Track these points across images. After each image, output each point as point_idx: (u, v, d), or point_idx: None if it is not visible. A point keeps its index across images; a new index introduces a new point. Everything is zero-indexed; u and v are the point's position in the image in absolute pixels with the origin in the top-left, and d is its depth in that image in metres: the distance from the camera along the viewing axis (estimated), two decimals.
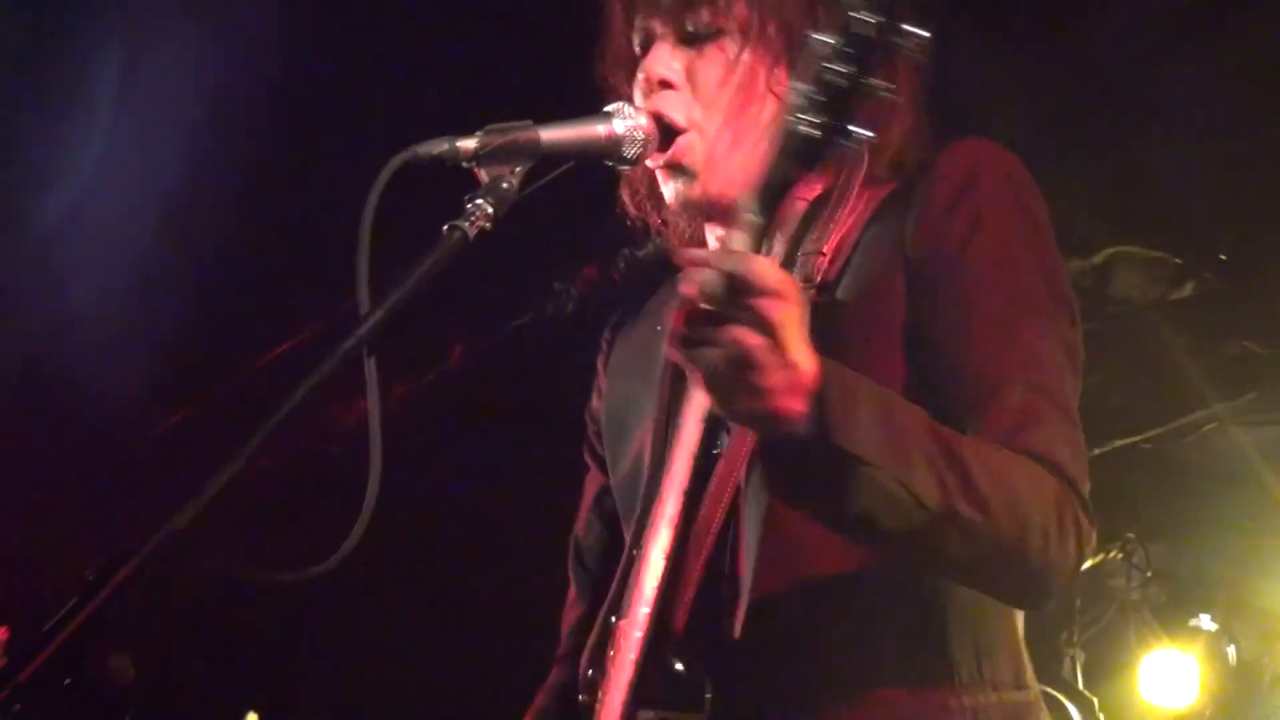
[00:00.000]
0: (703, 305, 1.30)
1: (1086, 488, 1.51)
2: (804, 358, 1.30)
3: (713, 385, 1.33)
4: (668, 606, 1.73)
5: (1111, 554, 4.66)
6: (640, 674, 1.71)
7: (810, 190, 1.79)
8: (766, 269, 1.31)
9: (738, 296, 1.28)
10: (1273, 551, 4.43)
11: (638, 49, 1.88)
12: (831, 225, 1.75)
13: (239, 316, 3.80)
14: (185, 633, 3.77)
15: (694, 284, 1.31)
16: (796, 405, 1.30)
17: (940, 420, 1.43)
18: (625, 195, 1.97)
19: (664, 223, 1.97)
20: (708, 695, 1.66)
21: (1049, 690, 4.53)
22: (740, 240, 1.43)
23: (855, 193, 1.75)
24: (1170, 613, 4.76)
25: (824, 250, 1.71)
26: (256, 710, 4.43)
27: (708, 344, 1.31)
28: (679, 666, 1.72)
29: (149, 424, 3.97)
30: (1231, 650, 4.68)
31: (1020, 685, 1.63)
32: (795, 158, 1.39)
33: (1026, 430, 1.49)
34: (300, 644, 4.71)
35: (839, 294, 1.69)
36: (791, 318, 1.29)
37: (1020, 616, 1.68)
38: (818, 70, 1.34)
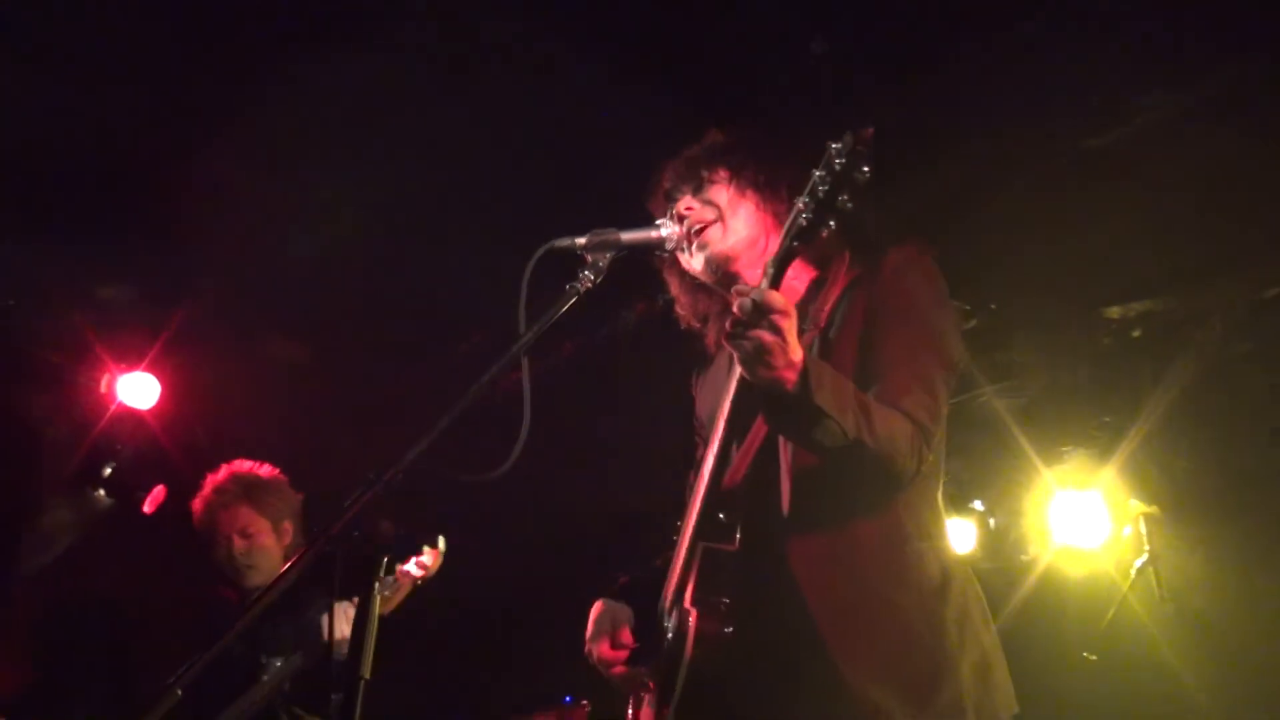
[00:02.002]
0: (742, 315, 1.93)
1: (932, 433, 2.20)
2: (796, 350, 1.95)
3: (745, 362, 1.97)
4: (719, 483, 2.33)
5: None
6: (699, 522, 2.32)
7: (808, 274, 2.49)
8: (778, 298, 1.94)
9: (761, 313, 1.91)
10: (1013, 468, 5.86)
11: (670, 208, 2.60)
12: (823, 294, 2.39)
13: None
14: None
15: (738, 302, 1.94)
16: (791, 375, 1.95)
17: (866, 391, 2.12)
18: (668, 277, 2.71)
19: (690, 296, 2.70)
20: (738, 535, 2.27)
21: None
22: (764, 283, 2.03)
23: (837, 278, 2.41)
24: (960, 500, 6.19)
25: (824, 309, 2.35)
26: None
27: (745, 338, 1.93)
28: (721, 516, 2.30)
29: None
30: (992, 521, 6.25)
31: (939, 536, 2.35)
32: (799, 238, 2.01)
33: (903, 398, 2.17)
34: None
35: (830, 334, 2.33)
36: (790, 326, 1.92)
37: (936, 505, 2.40)
38: (813, 187, 1.96)
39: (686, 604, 2.28)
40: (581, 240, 2.38)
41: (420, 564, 3.93)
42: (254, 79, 4.02)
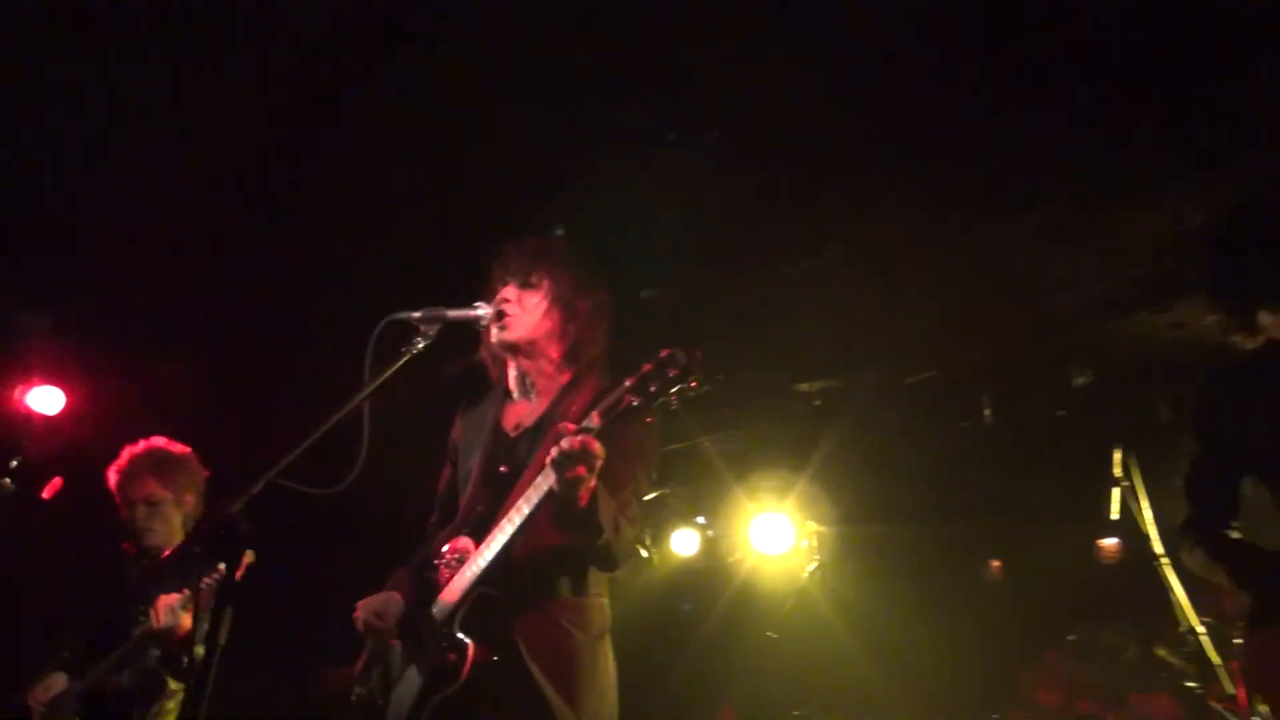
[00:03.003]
0: (570, 450, 2.31)
1: (637, 514, 2.66)
2: (594, 481, 2.37)
3: (561, 483, 2.35)
4: (477, 533, 2.63)
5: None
6: (488, 569, 2.56)
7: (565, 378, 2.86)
8: (599, 448, 2.30)
9: (587, 455, 2.31)
10: (725, 494, 6.60)
11: (498, 286, 2.88)
12: (576, 395, 2.77)
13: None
14: None
15: (569, 440, 2.31)
16: (586, 497, 2.39)
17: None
18: (483, 350, 2.98)
19: (492, 357, 2.98)
20: (496, 593, 2.54)
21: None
22: (589, 425, 2.36)
23: (590, 381, 2.80)
24: (688, 515, 6.77)
25: (573, 409, 2.65)
26: None
27: (568, 467, 2.31)
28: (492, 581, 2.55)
29: None
30: (710, 532, 6.86)
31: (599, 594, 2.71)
32: (619, 417, 2.35)
33: (619, 489, 2.59)
34: None
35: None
36: (599, 467, 2.35)
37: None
38: (643, 381, 2.34)
39: (455, 633, 2.56)
40: (416, 314, 2.60)
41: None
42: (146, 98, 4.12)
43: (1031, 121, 4.22)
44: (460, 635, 2.55)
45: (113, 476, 4.18)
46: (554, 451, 2.33)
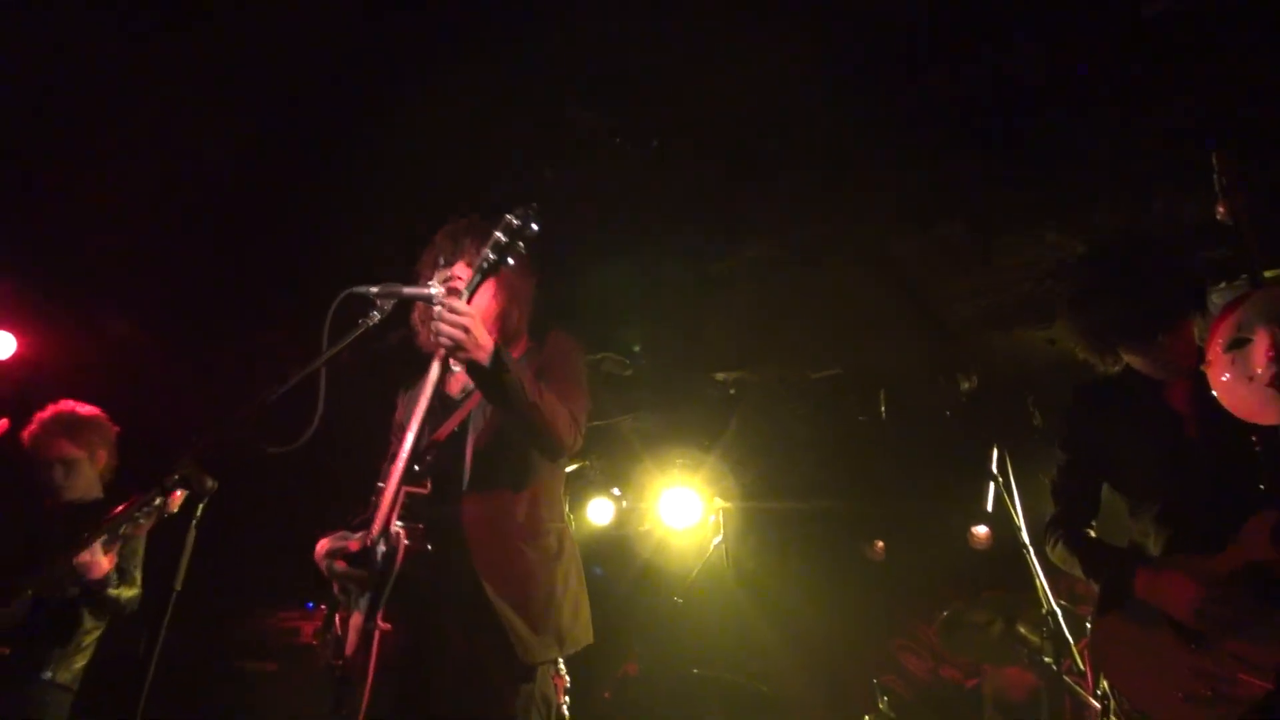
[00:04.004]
0: (439, 318, 2.38)
1: (582, 424, 2.69)
2: (485, 338, 2.42)
3: (449, 350, 2.42)
4: (418, 448, 2.65)
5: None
6: (403, 474, 2.60)
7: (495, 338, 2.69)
8: (460, 304, 2.41)
9: (453, 313, 2.39)
10: (640, 469, 6.76)
11: (442, 260, 2.90)
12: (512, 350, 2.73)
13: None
14: None
15: (435, 309, 2.41)
16: (483, 355, 2.42)
17: None
18: (417, 319, 2.97)
19: (427, 332, 2.78)
20: (429, 483, 2.57)
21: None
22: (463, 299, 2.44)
23: (517, 347, 2.86)
24: (604, 487, 6.82)
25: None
26: None
27: (442, 333, 2.39)
28: (416, 468, 2.58)
29: None
30: (624, 503, 6.95)
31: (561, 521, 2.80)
32: (484, 273, 2.49)
33: (563, 401, 2.64)
34: None
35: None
36: (474, 323, 2.40)
37: (560, 497, 2.82)
38: (495, 240, 2.48)
39: (393, 528, 2.56)
40: (374, 289, 2.60)
41: (163, 502, 3.76)
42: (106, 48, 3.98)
43: (940, 145, 4.42)
44: (392, 529, 2.55)
45: (27, 440, 4.26)
46: (432, 326, 2.42)
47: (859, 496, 6.80)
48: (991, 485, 4.51)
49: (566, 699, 4.14)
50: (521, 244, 2.49)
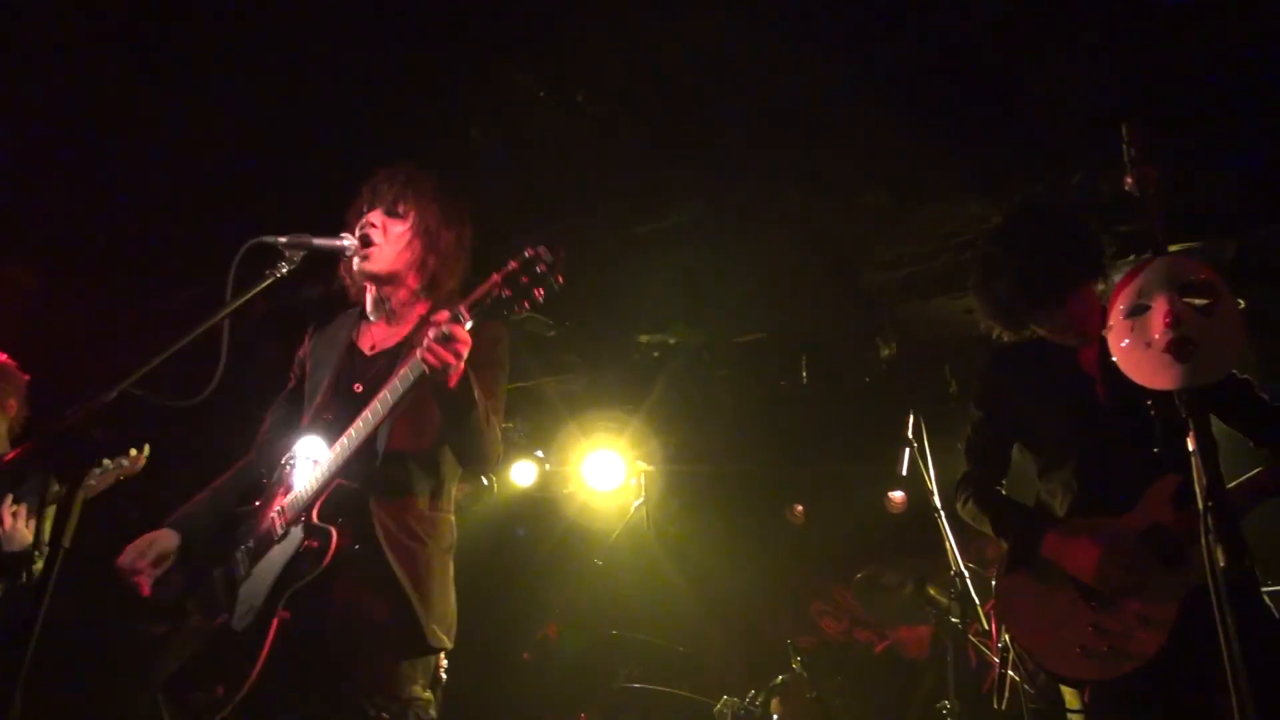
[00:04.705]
0: (437, 339, 2.29)
1: (499, 421, 2.64)
2: (462, 365, 2.35)
3: (432, 369, 2.32)
4: (336, 433, 2.57)
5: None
6: (339, 466, 2.53)
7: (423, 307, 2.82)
8: (464, 334, 2.32)
9: (452, 340, 2.30)
10: (563, 431, 6.77)
11: (365, 208, 2.81)
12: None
13: None
14: None
15: (436, 329, 2.29)
16: (454, 379, 2.36)
17: None
18: (343, 271, 2.89)
19: (352, 281, 2.90)
20: (355, 484, 2.52)
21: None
22: (454, 320, 2.30)
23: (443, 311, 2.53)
24: (528, 449, 6.89)
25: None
26: None
27: (437, 354, 2.29)
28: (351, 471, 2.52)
29: None
30: (547, 465, 6.96)
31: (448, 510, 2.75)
32: (487, 311, 2.31)
33: (485, 398, 2.54)
34: None
35: None
36: (465, 352, 2.34)
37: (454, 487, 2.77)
38: (512, 276, 2.28)
39: (315, 520, 2.52)
40: (282, 239, 2.58)
41: (119, 463, 3.94)
42: None
43: (867, 114, 4.44)
44: (321, 523, 2.51)
45: None
46: (426, 337, 2.32)
47: (780, 460, 6.90)
48: (907, 451, 4.60)
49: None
50: (539, 292, 2.31)
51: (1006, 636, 3.14)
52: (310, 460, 2.64)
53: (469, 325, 2.34)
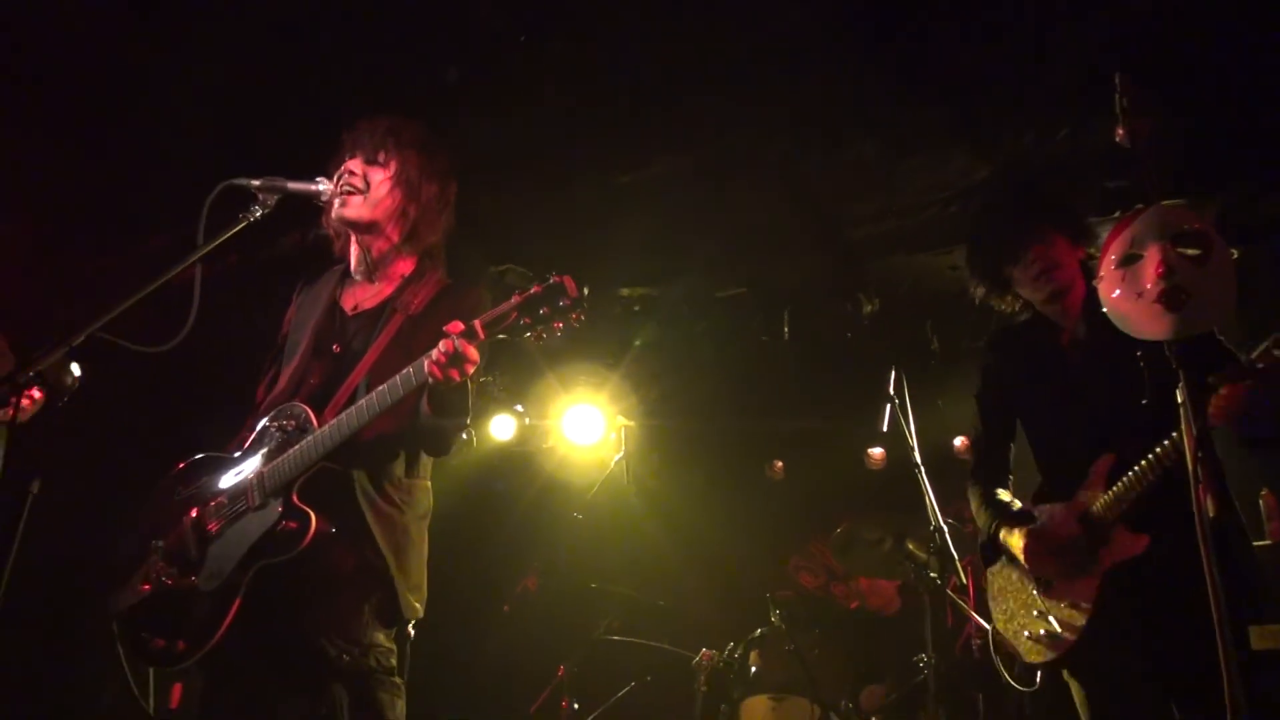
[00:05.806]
0: (451, 351, 2.31)
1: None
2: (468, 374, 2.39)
3: (445, 376, 2.34)
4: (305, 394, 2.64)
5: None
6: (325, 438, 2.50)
7: (408, 269, 2.81)
8: (475, 354, 2.36)
9: (462, 359, 2.33)
10: (543, 385, 6.64)
11: (346, 157, 2.77)
12: (414, 289, 2.74)
13: None
14: None
15: (449, 343, 2.31)
16: (457, 383, 2.38)
17: None
18: (324, 221, 2.83)
19: (334, 233, 2.90)
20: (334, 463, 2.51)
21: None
22: (468, 334, 2.33)
23: (429, 283, 2.78)
24: (508, 403, 6.72)
25: (414, 301, 2.69)
26: None
27: (447, 367, 2.32)
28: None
29: None
30: (527, 420, 6.87)
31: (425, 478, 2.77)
32: (504, 331, 2.38)
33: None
34: None
35: (417, 319, 2.66)
36: (473, 368, 2.38)
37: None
38: (531, 302, 2.32)
39: (296, 500, 2.50)
40: (256, 182, 2.55)
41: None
42: None
43: (852, 63, 4.37)
44: (301, 505, 2.49)
45: None
46: (435, 351, 2.32)
47: (760, 416, 6.88)
48: (888, 407, 4.58)
49: None
50: (558, 326, 2.34)
51: (990, 627, 3.21)
52: (295, 427, 2.57)
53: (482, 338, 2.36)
